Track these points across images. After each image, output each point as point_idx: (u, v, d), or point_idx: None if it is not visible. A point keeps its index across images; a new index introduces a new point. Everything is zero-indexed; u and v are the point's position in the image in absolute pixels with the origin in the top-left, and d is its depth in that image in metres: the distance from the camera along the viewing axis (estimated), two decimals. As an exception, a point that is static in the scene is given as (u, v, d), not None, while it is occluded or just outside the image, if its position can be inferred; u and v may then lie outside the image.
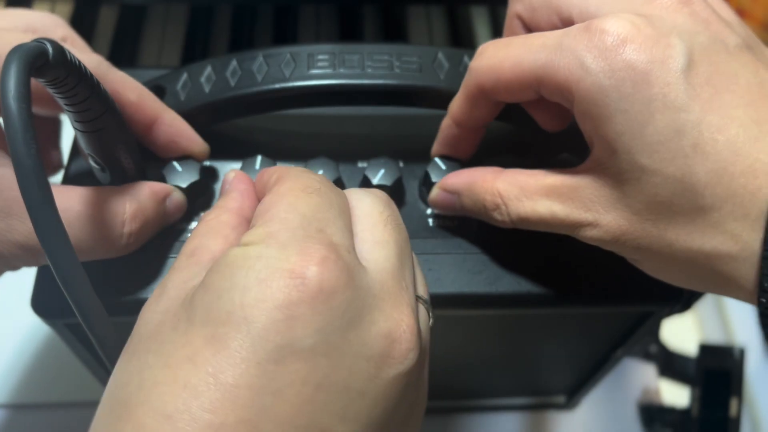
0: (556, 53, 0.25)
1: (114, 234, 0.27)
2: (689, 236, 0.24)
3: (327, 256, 0.21)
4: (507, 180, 0.28)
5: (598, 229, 0.26)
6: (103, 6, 0.61)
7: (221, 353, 0.19)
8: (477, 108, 0.29)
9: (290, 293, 0.20)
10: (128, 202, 0.28)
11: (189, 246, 0.25)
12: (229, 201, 0.26)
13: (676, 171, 0.23)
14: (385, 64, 0.31)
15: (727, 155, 0.22)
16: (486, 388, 0.48)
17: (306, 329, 0.20)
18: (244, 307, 0.20)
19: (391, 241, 0.24)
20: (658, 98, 0.23)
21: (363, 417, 0.20)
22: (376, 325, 0.21)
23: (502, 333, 0.38)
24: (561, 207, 0.26)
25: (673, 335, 0.51)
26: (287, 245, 0.21)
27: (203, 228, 0.25)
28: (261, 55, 0.32)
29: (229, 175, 0.28)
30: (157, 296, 0.23)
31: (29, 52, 0.21)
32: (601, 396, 0.51)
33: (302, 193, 0.23)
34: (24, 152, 0.20)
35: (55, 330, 0.31)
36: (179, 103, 0.32)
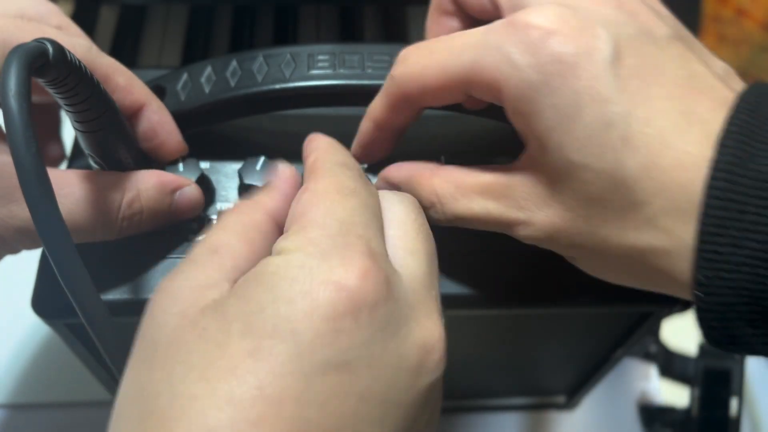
0: (480, 52, 0.24)
1: (108, 219, 0.27)
2: (622, 232, 0.23)
3: (369, 267, 0.21)
4: (444, 177, 0.27)
5: (532, 227, 0.25)
6: (104, 6, 0.61)
7: (266, 366, 0.19)
8: (400, 114, 0.28)
9: (336, 306, 0.20)
10: (127, 188, 0.28)
11: (213, 239, 0.24)
12: (269, 200, 0.26)
13: (606, 165, 0.23)
14: (386, 65, 0.31)
15: (656, 148, 0.22)
16: (486, 388, 0.48)
17: (351, 342, 0.20)
18: (291, 320, 0.20)
19: (422, 250, 0.24)
20: (586, 91, 0.22)
21: (399, 426, 0.20)
22: (412, 336, 0.21)
23: (502, 333, 0.38)
24: (495, 205, 0.26)
25: (673, 335, 0.51)
26: (329, 254, 0.21)
27: (233, 221, 0.24)
28: (261, 56, 0.32)
29: (281, 170, 0.27)
30: (170, 295, 0.22)
31: (29, 51, 0.21)
32: (601, 396, 0.51)
33: (339, 195, 0.23)
34: (24, 151, 0.20)
35: (55, 330, 0.31)
36: (179, 103, 0.32)
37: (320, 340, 0.19)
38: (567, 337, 0.39)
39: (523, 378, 0.47)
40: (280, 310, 0.20)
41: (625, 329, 0.36)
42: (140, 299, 0.29)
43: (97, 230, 0.27)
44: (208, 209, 0.32)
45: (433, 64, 0.26)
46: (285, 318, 0.20)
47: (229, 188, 0.33)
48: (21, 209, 0.26)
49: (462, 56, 0.25)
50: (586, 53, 0.23)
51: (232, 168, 0.33)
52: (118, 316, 0.24)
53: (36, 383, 0.48)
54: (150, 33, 0.60)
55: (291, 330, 0.19)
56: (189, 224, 0.31)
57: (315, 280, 0.20)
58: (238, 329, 0.20)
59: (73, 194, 0.26)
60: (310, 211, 0.23)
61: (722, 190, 0.21)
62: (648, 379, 0.52)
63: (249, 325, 0.20)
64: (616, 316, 0.35)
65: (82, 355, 0.33)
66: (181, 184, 0.30)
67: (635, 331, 0.35)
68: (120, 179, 0.28)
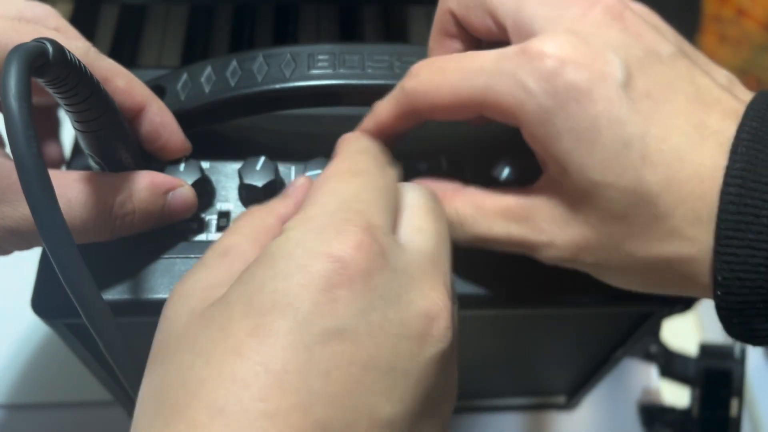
0: (495, 78, 0.25)
1: (100, 220, 0.27)
2: (647, 244, 0.24)
3: (363, 239, 0.21)
4: (465, 199, 0.28)
5: (555, 249, 0.26)
6: (104, 6, 0.61)
7: (267, 341, 0.19)
8: (405, 122, 0.29)
9: (330, 277, 0.20)
10: (120, 189, 0.28)
11: (224, 242, 0.25)
12: (281, 206, 0.27)
13: (628, 183, 0.24)
14: (386, 65, 0.31)
15: (673, 163, 0.23)
16: (486, 388, 0.48)
17: (348, 310, 0.20)
18: (288, 293, 0.20)
19: (431, 229, 0.24)
20: (603, 115, 0.23)
21: (407, 396, 0.21)
22: (415, 305, 0.22)
23: (502, 333, 0.38)
24: (517, 228, 0.27)
25: (673, 335, 0.51)
26: (325, 229, 0.22)
27: (245, 225, 0.25)
28: (261, 55, 0.32)
29: (298, 180, 0.29)
30: (182, 295, 0.23)
31: (29, 51, 0.21)
32: (601, 396, 0.51)
33: (346, 175, 0.24)
34: (25, 151, 0.20)
35: (55, 330, 0.31)
36: (179, 103, 0.32)
37: (318, 310, 0.20)
38: (567, 337, 0.39)
39: (523, 378, 0.47)
40: (278, 286, 0.20)
41: (625, 329, 0.36)
42: (140, 299, 0.29)
43: (89, 231, 0.27)
44: (208, 209, 0.32)
45: (445, 84, 0.26)
46: (282, 292, 0.20)
47: (229, 188, 0.33)
48: (11, 209, 0.26)
49: (475, 81, 0.25)
50: (599, 79, 0.23)
51: (232, 168, 0.33)
52: (118, 316, 0.24)
53: (36, 383, 0.48)
54: (150, 33, 0.60)
55: (288, 303, 0.20)
56: (189, 224, 0.31)
57: (310, 253, 0.21)
58: (239, 311, 0.20)
59: (64, 195, 0.26)
60: (316, 192, 0.23)
61: (736, 195, 0.22)
62: (648, 379, 0.52)
63: (249, 304, 0.20)
64: (617, 316, 0.35)
65: (82, 355, 0.33)
66: (174, 185, 0.30)
67: (635, 331, 0.35)
68: (112, 180, 0.28)
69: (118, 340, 0.24)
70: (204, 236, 0.31)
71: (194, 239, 0.31)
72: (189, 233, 0.31)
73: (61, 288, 0.28)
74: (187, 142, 0.31)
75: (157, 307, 0.29)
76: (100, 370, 0.34)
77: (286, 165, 0.33)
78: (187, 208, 0.30)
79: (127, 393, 0.36)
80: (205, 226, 0.31)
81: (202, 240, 0.31)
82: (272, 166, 0.31)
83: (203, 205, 0.32)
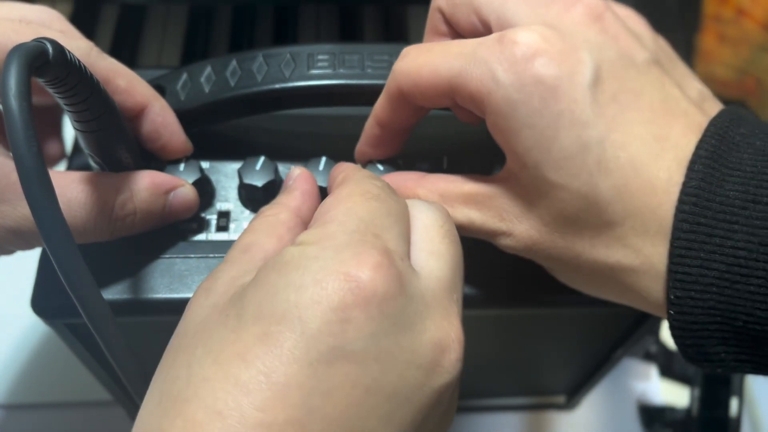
0: (470, 63, 0.25)
1: (100, 220, 0.27)
2: (594, 249, 0.25)
3: (381, 261, 0.21)
4: (427, 187, 0.28)
5: (512, 238, 0.26)
6: (104, 6, 0.61)
7: (273, 352, 0.19)
8: (398, 110, 0.29)
9: (345, 296, 0.20)
10: (120, 189, 0.28)
11: (244, 240, 0.25)
12: (291, 199, 0.27)
13: (581, 187, 0.24)
14: (385, 65, 0.31)
15: (628, 172, 0.23)
16: (486, 388, 0.48)
17: (359, 333, 0.20)
18: (299, 307, 0.20)
19: (447, 254, 0.24)
20: (565, 114, 0.23)
21: (405, 423, 0.20)
22: (427, 334, 0.21)
23: (502, 333, 0.38)
24: (478, 215, 0.27)
25: (673, 335, 0.51)
26: (343, 248, 0.21)
27: (261, 224, 0.26)
28: (261, 55, 0.32)
29: (294, 171, 0.29)
30: (205, 290, 0.23)
31: (29, 51, 0.21)
32: (601, 396, 0.51)
33: (361, 198, 0.24)
34: (26, 151, 0.20)
35: (55, 330, 0.31)
36: (179, 103, 0.32)
37: (327, 329, 0.20)
38: (567, 337, 0.39)
39: (523, 378, 0.47)
40: (290, 297, 0.20)
41: (625, 329, 0.36)
42: (140, 299, 0.29)
43: (89, 231, 0.27)
44: (208, 209, 0.32)
45: (427, 63, 0.26)
46: (294, 304, 0.20)
47: (229, 188, 0.33)
48: (12, 209, 0.26)
49: (453, 62, 0.25)
50: (567, 77, 0.23)
51: (232, 168, 0.33)
52: (118, 316, 0.24)
53: (36, 383, 0.48)
54: (150, 33, 0.60)
55: (299, 317, 0.20)
56: (188, 224, 0.31)
57: (326, 270, 0.20)
58: (251, 314, 0.20)
59: (64, 195, 0.26)
60: (331, 210, 0.23)
61: (690, 213, 0.22)
62: (648, 379, 0.52)
63: (261, 310, 0.20)
64: (616, 316, 0.35)
65: (82, 355, 0.33)
66: (175, 185, 0.30)
67: (635, 331, 0.35)
68: (113, 180, 0.28)
69: (118, 340, 0.24)
70: (204, 236, 0.31)
71: (194, 239, 0.31)
72: (189, 233, 0.31)
73: (61, 288, 0.28)
74: (189, 142, 0.31)
75: (158, 307, 0.29)
76: (100, 370, 0.34)
77: (286, 165, 0.33)
78: (189, 207, 0.30)
79: (127, 393, 0.36)
80: (205, 226, 0.31)
81: (201, 240, 0.31)
82: (272, 166, 0.31)
83: (203, 204, 0.32)
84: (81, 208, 0.27)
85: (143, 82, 0.30)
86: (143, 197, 0.28)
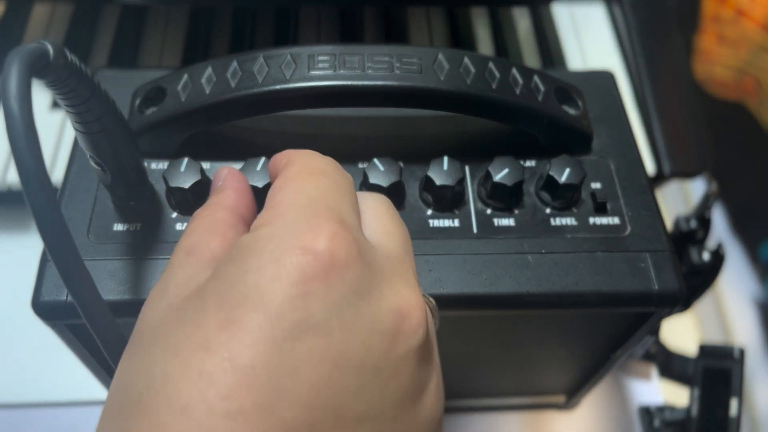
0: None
1: None
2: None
3: (337, 230, 0.21)
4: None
5: None
6: (105, 6, 0.61)
7: (237, 335, 0.19)
8: None
9: (304, 269, 0.20)
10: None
11: (185, 243, 0.24)
12: (224, 198, 0.26)
13: None
14: (386, 66, 0.31)
15: None
16: (486, 388, 0.48)
17: (321, 304, 0.20)
18: (260, 287, 0.20)
19: (398, 234, 0.24)
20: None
21: (377, 395, 0.20)
22: (386, 301, 0.21)
23: (502, 333, 0.38)
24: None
25: (672, 335, 0.51)
26: (297, 223, 0.21)
27: (199, 225, 0.25)
28: (261, 56, 0.32)
29: (221, 172, 0.28)
30: (157, 294, 0.23)
31: (30, 53, 0.21)
32: (601, 396, 0.51)
33: (308, 174, 0.24)
34: (27, 153, 0.20)
35: (55, 330, 0.31)
36: (180, 103, 0.32)
37: (290, 304, 0.19)
38: (567, 338, 0.39)
39: (522, 378, 0.47)
40: (249, 280, 0.20)
41: (625, 329, 0.36)
42: (140, 299, 0.29)
43: None
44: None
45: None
46: (254, 286, 0.20)
47: (230, 189, 0.33)
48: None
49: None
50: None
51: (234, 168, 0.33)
52: (118, 316, 0.24)
53: (36, 383, 0.48)
54: (151, 34, 0.60)
55: (260, 297, 0.19)
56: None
57: (282, 247, 0.20)
58: (212, 304, 0.20)
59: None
60: (281, 192, 0.23)
61: None
62: (648, 379, 0.52)
63: (222, 298, 0.20)
64: (616, 316, 0.35)
65: (82, 355, 0.33)
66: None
67: (635, 331, 0.36)
68: None
69: (118, 341, 0.24)
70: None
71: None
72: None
73: (61, 288, 0.28)
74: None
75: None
76: (100, 370, 0.34)
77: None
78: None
79: (127, 393, 0.36)
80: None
81: (202, 240, 0.31)
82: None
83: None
84: None
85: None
86: None
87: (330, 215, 0.22)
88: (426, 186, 0.32)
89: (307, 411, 0.19)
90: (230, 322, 0.19)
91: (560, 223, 0.33)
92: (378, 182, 0.31)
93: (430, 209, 0.33)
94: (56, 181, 0.46)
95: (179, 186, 0.31)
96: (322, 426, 0.19)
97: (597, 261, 0.31)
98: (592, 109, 0.37)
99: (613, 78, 0.39)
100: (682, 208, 0.66)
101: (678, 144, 0.52)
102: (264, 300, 0.19)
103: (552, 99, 0.34)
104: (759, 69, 0.72)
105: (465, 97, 0.32)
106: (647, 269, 0.31)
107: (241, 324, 0.19)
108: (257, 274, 0.20)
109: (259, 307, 0.19)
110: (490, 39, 0.61)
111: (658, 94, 0.54)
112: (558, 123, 0.34)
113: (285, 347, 0.19)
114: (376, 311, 0.21)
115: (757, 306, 0.66)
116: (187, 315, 0.20)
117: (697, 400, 0.45)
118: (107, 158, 0.28)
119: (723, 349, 0.46)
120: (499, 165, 0.32)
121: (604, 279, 0.31)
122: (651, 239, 0.32)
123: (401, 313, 0.21)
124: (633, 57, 0.57)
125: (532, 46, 0.61)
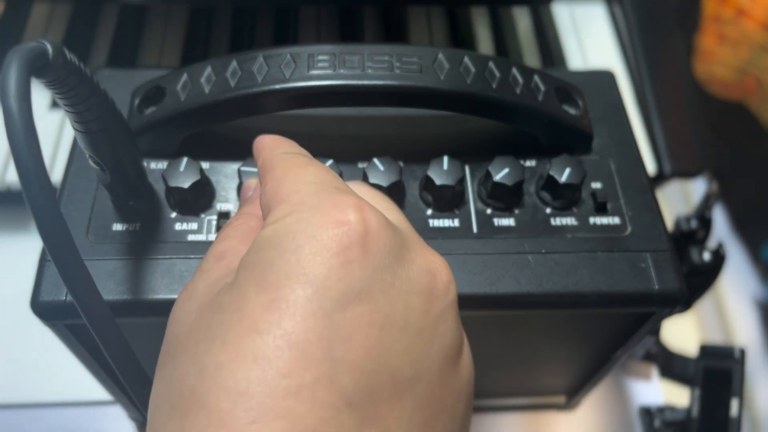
0: None
1: None
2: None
3: (359, 203, 0.21)
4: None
5: None
6: (104, 6, 0.61)
7: (287, 313, 0.19)
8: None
9: (341, 240, 0.20)
10: None
11: (217, 249, 0.25)
12: (256, 208, 0.27)
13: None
14: (386, 65, 0.31)
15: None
16: (486, 389, 0.48)
17: (362, 270, 0.20)
18: (301, 263, 0.20)
19: (398, 214, 0.25)
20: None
21: (423, 356, 0.21)
22: (416, 263, 0.22)
23: (502, 333, 0.38)
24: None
25: (673, 335, 0.51)
26: (319, 204, 0.22)
27: (231, 232, 0.26)
28: (261, 56, 0.32)
29: (251, 182, 0.29)
30: (187, 297, 0.23)
31: (30, 52, 0.21)
32: (601, 396, 0.51)
33: (299, 168, 0.24)
34: (26, 153, 0.20)
35: (55, 330, 0.31)
36: (179, 103, 0.32)
37: (334, 275, 0.20)
38: (567, 338, 0.39)
39: (523, 378, 0.47)
40: (289, 259, 0.20)
41: (625, 329, 0.36)
42: (140, 299, 0.29)
43: None
44: (208, 210, 0.32)
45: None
46: (295, 264, 0.20)
47: (229, 188, 0.33)
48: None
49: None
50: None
51: (232, 168, 0.33)
52: (118, 316, 0.24)
53: (36, 383, 0.48)
54: (150, 33, 0.60)
55: (303, 272, 0.20)
56: (188, 225, 0.31)
57: (313, 225, 0.21)
58: (252, 290, 0.20)
59: None
60: (280, 191, 0.23)
61: None
62: (648, 380, 0.52)
63: (262, 282, 0.20)
64: (617, 316, 0.35)
65: (82, 355, 0.33)
66: None
67: (635, 331, 0.35)
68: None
69: (118, 340, 0.24)
70: (204, 237, 0.31)
71: (194, 240, 0.31)
72: (189, 234, 0.31)
73: (61, 288, 0.28)
74: None
75: (158, 307, 0.29)
76: (100, 370, 0.34)
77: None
78: None
79: (127, 393, 0.36)
80: (205, 227, 0.31)
81: (201, 240, 0.31)
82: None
83: (203, 205, 0.32)
84: None
85: None
86: None
87: (345, 191, 0.22)
88: (426, 186, 0.32)
89: (364, 378, 0.19)
90: (276, 301, 0.19)
91: (560, 223, 0.33)
92: (378, 182, 0.31)
93: (430, 209, 0.33)
94: (55, 180, 0.46)
95: (178, 186, 0.30)
96: (380, 391, 0.19)
97: (597, 261, 0.31)
98: (592, 109, 0.37)
99: (613, 77, 0.39)
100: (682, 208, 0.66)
101: (678, 144, 0.52)
102: (308, 275, 0.20)
103: (552, 99, 0.34)
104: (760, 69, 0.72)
105: (465, 96, 0.32)
106: (648, 269, 0.31)
107: (289, 301, 0.19)
108: (295, 253, 0.20)
109: (304, 282, 0.20)
110: (490, 38, 0.61)
111: (659, 93, 0.54)
112: (558, 123, 0.34)
113: (336, 317, 0.19)
114: (410, 272, 0.22)
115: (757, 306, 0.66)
116: (224, 307, 0.20)
117: (697, 400, 0.45)
118: (106, 158, 0.28)
119: (724, 349, 0.46)
120: (500, 165, 0.32)
121: (605, 279, 0.31)
122: (651, 239, 0.32)
123: (431, 272, 0.22)
124: (633, 56, 0.57)
125: (532, 45, 0.61)
